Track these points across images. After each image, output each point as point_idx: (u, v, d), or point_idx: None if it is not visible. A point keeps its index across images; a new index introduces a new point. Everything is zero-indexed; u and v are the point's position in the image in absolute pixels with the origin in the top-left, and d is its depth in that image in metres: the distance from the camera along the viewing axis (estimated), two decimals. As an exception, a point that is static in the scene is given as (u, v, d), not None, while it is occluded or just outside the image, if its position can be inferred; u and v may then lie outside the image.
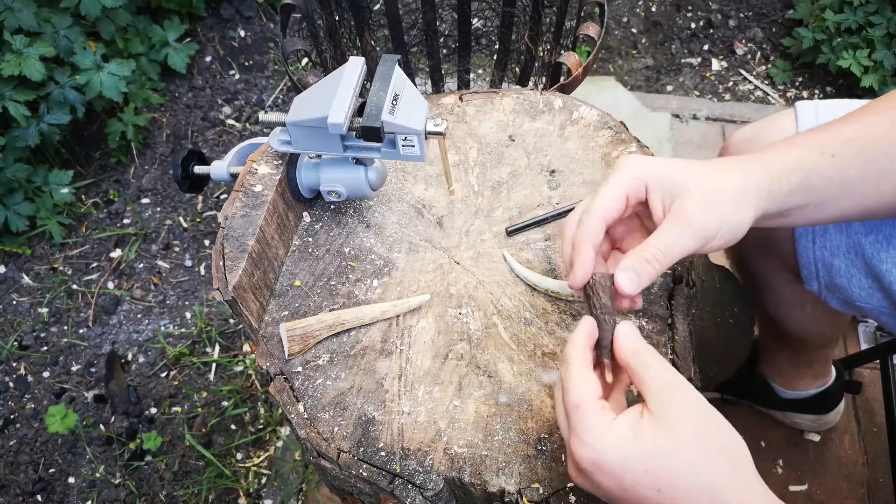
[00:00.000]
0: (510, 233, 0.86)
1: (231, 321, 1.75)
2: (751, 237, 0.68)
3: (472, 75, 2.04)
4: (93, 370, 1.71)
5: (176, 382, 1.68)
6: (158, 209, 1.98)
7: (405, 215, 0.89)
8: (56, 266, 1.88)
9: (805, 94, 2.13)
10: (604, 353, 0.62)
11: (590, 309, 0.64)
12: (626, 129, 0.94)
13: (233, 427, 1.61)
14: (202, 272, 1.86)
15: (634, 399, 0.62)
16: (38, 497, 1.55)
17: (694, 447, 0.53)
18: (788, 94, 2.13)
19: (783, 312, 1.13)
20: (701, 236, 0.62)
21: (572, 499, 0.68)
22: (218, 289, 0.75)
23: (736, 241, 0.64)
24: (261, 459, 1.56)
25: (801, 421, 1.43)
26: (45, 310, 1.81)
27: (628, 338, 0.61)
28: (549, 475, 0.69)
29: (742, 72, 2.20)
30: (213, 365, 1.70)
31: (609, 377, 0.62)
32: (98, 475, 1.56)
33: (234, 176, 0.91)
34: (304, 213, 0.89)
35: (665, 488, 0.53)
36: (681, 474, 0.53)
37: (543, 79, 1.54)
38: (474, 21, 1.62)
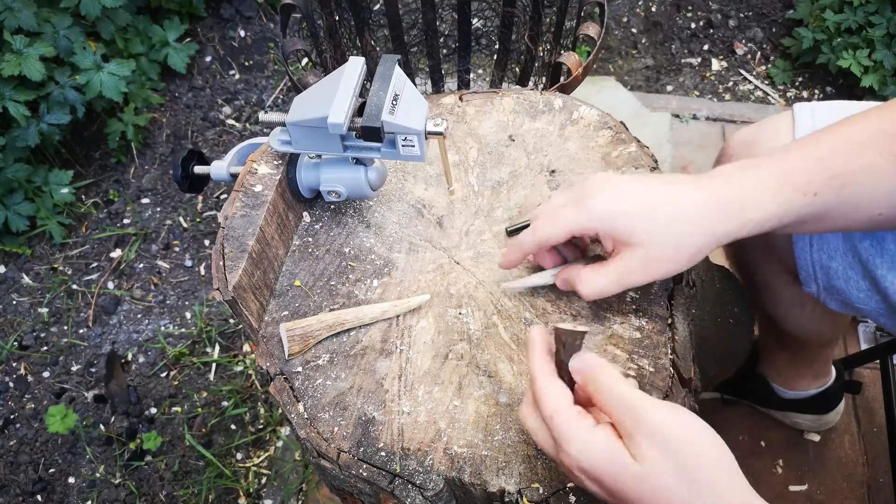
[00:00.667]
0: (510, 233, 0.86)
1: (231, 321, 1.75)
2: (750, 240, 0.68)
3: (472, 75, 2.04)
4: (93, 370, 1.71)
5: (176, 382, 1.68)
6: (158, 209, 1.98)
7: (405, 215, 0.89)
8: (56, 266, 1.88)
9: (805, 94, 2.13)
10: None
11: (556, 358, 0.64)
12: (626, 129, 0.94)
13: (233, 427, 1.61)
14: (202, 272, 1.86)
15: None
16: (38, 497, 1.55)
17: (666, 474, 0.53)
18: (788, 94, 2.13)
19: (783, 313, 1.13)
20: (632, 285, 0.70)
21: (572, 499, 0.68)
22: (218, 289, 0.75)
23: None
24: (261, 459, 1.56)
25: (801, 421, 1.43)
26: (45, 310, 1.81)
27: (580, 375, 0.61)
28: (549, 475, 0.69)
29: (742, 72, 2.20)
30: (213, 365, 1.70)
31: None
32: (98, 475, 1.56)
33: (234, 176, 0.91)
34: (304, 213, 0.89)
35: None
36: (658, 499, 0.53)
37: (543, 79, 1.54)
38: (474, 21, 1.62)
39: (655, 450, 0.53)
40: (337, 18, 1.47)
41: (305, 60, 2.27)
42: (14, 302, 1.83)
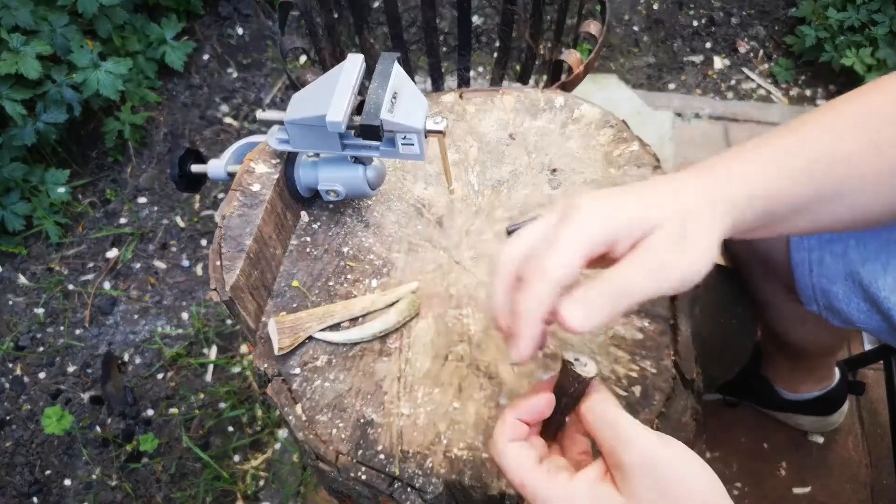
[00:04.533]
0: (510, 232, 0.85)
1: (228, 322, 1.74)
2: (751, 261, 0.65)
3: (472, 73, 2.03)
4: (89, 371, 1.70)
5: (173, 384, 1.67)
6: (155, 208, 1.97)
7: (404, 215, 0.88)
8: (52, 266, 1.87)
9: (808, 92, 2.12)
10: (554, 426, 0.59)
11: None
12: (628, 127, 0.93)
13: (230, 429, 1.60)
14: (199, 272, 1.85)
15: None
16: (34, 499, 1.54)
17: None
18: (791, 93, 2.12)
19: (785, 328, 1.13)
20: (669, 279, 0.52)
21: (575, 503, 0.67)
22: (215, 289, 0.74)
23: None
24: (258, 462, 1.55)
25: (805, 422, 1.42)
26: (41, 310, 1.80)
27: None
28: (551, 479, 0.67)
29: (745, 70, 2.19)
30: (211, 366, 1.69)
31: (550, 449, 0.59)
32: (94, 477, 1.55)
33: (232, 175, 0.90)
34: (302, 213, 0.88)
35: None
36: None
37: (544, 77, 1.53)
38: (474, 19, 1.62)
39: (645, 480, 0.49)
40: (336, 16, 1.46)
41: (304, 58, 2.26)
42: (10, 302, 1.81)
